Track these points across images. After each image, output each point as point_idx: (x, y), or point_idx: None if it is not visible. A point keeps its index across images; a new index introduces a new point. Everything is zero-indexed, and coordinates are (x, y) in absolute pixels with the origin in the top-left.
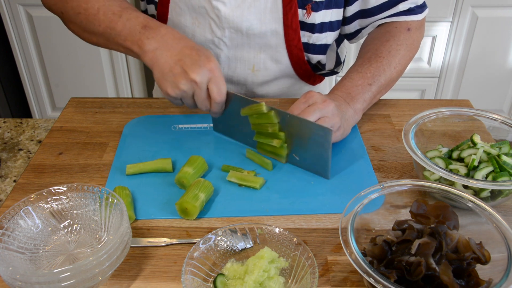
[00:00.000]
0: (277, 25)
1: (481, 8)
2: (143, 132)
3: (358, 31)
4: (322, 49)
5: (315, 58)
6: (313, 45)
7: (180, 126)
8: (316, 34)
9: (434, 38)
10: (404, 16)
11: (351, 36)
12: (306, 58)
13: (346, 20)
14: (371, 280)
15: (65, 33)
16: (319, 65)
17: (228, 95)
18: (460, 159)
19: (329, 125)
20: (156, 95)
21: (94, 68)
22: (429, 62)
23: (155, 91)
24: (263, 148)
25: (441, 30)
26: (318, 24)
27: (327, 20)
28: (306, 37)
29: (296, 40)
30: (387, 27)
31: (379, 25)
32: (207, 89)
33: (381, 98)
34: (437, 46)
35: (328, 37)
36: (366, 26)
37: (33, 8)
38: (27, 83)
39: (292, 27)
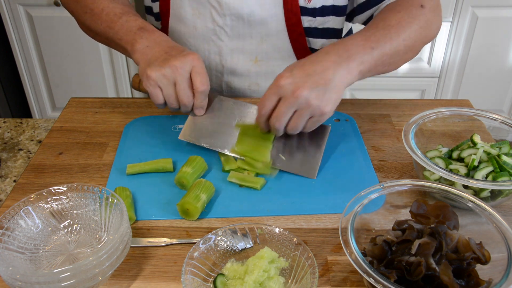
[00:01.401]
0: (278, 10)
1: (481, 8)
2: (143, 132)
3: (370, 18)
4: (325, 32)
5: (318, 42)
6: (316, 28)
7: (180, 126)
8: (318, 18)
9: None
10: None
11: (364, 24)
12: (308, 45)
13: (357, 9)
14: (371, 280)
15: (65, 33)
16: None
17: (211, 94)
18: (460, 159)
19: (305, 116)
20: None
21: (94, 68)
22: (429, 62)
23: None
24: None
25: (441, 30)
26: (319, 8)
27: (329, 3)
28: (308, 21)
29: (297, 24)
30: (399, 1)
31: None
32: (191, 80)
33: (381, 98)
34: (437, 46)
35: (332, 22)
36: (377, 10)
37: (33, 8)
38: (27, 83)
39: (292, 11)
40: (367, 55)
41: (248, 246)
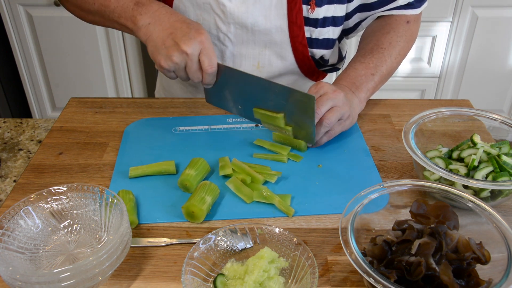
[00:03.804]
0: (282, 22)
1: (481, 8)
2: (143, 135)
3: (358, 24)
4: (325, 43)
5: (318, 53)
6: (316, 39)
7: (181, 128)
8: (318, 29)
9: (434, 38)
10: (404, 10)
11: (350, 31)
12: (310, 54)
13: (346, 16)
14: (371, 280)
15: (65, 33)
16: (322, 61)
17: (219, 66)
18: (460, 159)
19: (339, 114)
20: (159, 95)
21: (94, 68)
22: (429, 62)
23: (157, 92)
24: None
25: (441, 30)
26: (321, 18)
27: (329, 15)
28: (309, 31)
29: (301, 36)
30: (387, 19)
31: (378, 17)
32: (199, 61)
33: (381, 98)
34: (437, 46)
35: (330, 32)
36: (366, 18)
37: (33, 8)
38: (27, 83)
39: (296, 24)
40: (370, 83)
41: (248, 246)
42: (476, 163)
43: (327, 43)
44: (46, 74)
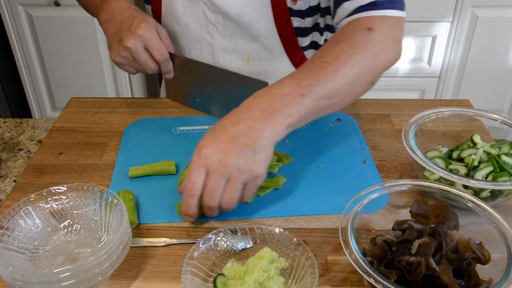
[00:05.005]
0: (266, 10)
1: (481, 8)
2: (143, 135)
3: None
4: (316, 29)
5: (306, 40)
6: (305, 28)
7: (181, 128)
8: (307, 19)
9: (434, 38)
10: (365, 12)
11: None
12: (300, 44)
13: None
14: (371, 280)
15: (65, 33)
16: (316, 48)
17: (173, 55)
18: (460, 159)
19: (239, 186)
20: (163, 95)
21: (94, 68)
22: (429, 62)
23: (162, 90)
24: None
25: (441, 30)
26: (306, 9)
27: (314, 4)
28: (297, 22)
29: (286, 23)
30: (344, 27)
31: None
32: (149, 52)
33: (381, 98)
34: (437, 46)
35: (321, 19)
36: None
37: (33, 8)
38: (27, 83)
39: (281, 11)
40: (295, 106)
41: (248, 246)
42: (476, 163)
43: (318, 28)
44: (46, 74)
